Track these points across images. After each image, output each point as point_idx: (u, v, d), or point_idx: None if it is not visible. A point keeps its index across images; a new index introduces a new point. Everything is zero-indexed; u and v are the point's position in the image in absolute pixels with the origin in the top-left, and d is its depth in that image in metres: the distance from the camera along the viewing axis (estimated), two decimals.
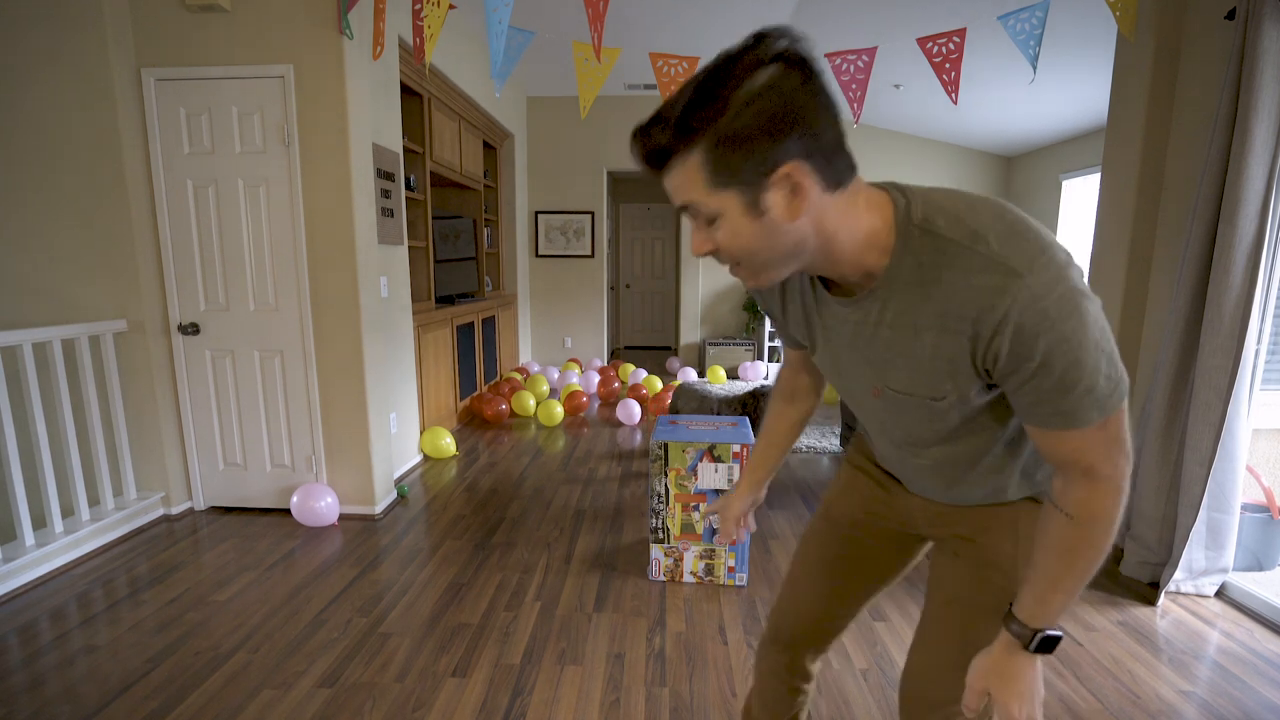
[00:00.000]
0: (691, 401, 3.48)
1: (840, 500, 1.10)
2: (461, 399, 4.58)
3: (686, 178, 0.67)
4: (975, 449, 0.85)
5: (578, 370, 5.98)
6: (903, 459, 0.94)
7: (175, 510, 2.93)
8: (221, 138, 2.70)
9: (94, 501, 2.72)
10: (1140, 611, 2.14)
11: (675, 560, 2.31)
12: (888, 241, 0.70)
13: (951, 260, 0.67)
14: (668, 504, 2.27)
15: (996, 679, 0.78)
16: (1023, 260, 0.64)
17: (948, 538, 0.98)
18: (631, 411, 4.49)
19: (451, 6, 2.40)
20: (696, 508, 2.25)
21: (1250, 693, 1.73)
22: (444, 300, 4.41)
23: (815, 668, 1.19)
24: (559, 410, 4.51)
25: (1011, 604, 0.80)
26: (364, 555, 2.53)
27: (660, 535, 2.29)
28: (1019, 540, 0.88)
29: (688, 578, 2.32)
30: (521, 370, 5.87)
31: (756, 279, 0.73)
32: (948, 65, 2.43)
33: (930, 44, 2.45)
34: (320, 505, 2.78)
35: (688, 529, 2.28)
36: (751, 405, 3.40)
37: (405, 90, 3.77)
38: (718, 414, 3.32)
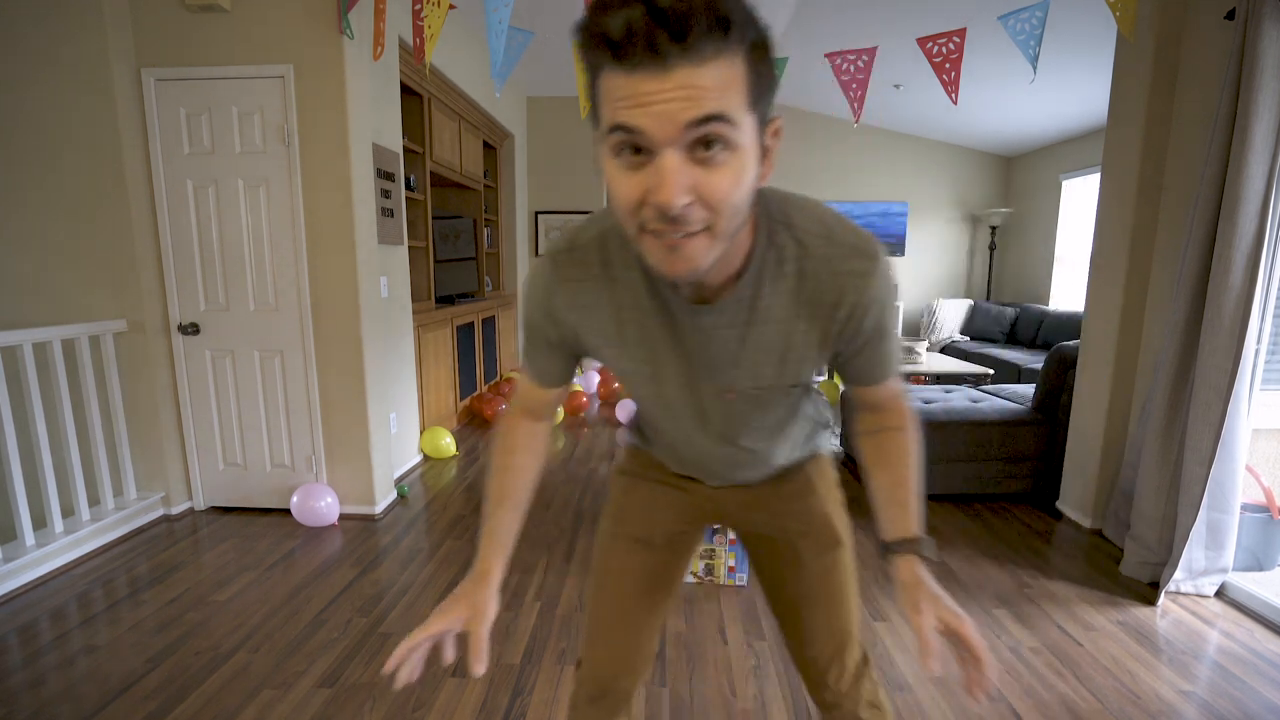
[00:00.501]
0: None
1: (647, 519, 1.03)
2: (461, 399, 4.58)
3: (729, 77, 0.52)
4: (787, 424, 0.92)
5: (577, 370, 5.97)
6: (719, 455, 0.91)
7: (175, 510, 2.93)
8: (221, 138, 2.70)
9: (94, 501, 2.72)
10: (1140, 611, 2.14)
11: None
12: (747, 238, 0.68)
13: (812, 252, 0.70)
14: None
15: (931, 604, 0.76)
16: (872, 247, 0.71)
17: (759, 520, 1.03)
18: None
19: (451, 6, 2.40)
20: None
21: (1250, 693, 1.73)
22: (444, 300, 4.41)
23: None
24: (559, 410, 4.50)
25: (887, 538, 0.85)
26: (364, 555, 2.53)
27: None
28: (817, 492, 1.01)
29: (687, 577, 2.32)
30: (521, 370, 5.86)
31: (713, 248, 0.59)
32: (948, 65, 2.43)
33: (930, 44, 2.45)
34: (320, 505, 2.78)
35: None
36: None
37: (405, 90, 3.77)
38: None
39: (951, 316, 6.50)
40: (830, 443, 1.07)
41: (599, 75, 0.55)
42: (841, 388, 5.13)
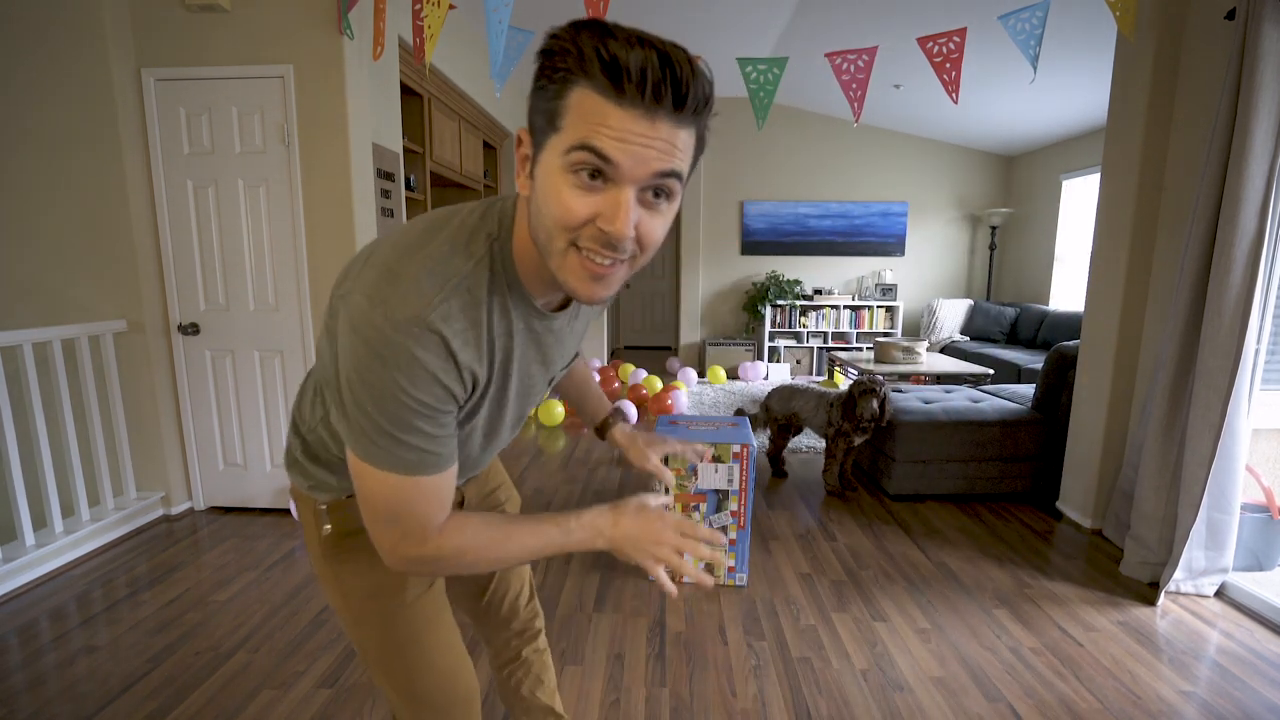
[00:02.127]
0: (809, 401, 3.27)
1: None
2: None
3: (689, 144, 0.60)
4: None
5: None
6: (505, 440, 0.92)
7: (175, 510, 2.93)
8: (221, 138, 2.70)
9: (94, 501, 2.72)
10: (1140, 611, 2.14)
11: None
12: None
13: None
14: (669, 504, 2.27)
15: (650, 446, 1.11)
16: None
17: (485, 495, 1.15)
18: (627, 414, 4.48)
19: (451, 6, 2.40)
20: (697, 508, 2.25)
21: (1250, 693, 1.73)
22: None
23: (522, 641, 1.26)
24: (559, 410, 4.51)
25: (597, 423, 1.19)
26: None
27: None
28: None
29: (686, 578, 2.32)
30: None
31: (624, 277, 0.69)
32: (948, 65, 2.43)
33: (930, 44, 2.45)
34: None
35: None
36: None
37: (405, 90, 3.77)
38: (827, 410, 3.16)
39: (951, 316, 6.50)
40: None
41: (573, 87, 0.56)
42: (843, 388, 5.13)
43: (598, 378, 5.40)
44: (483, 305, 0.69)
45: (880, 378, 3.00)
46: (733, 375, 6.61)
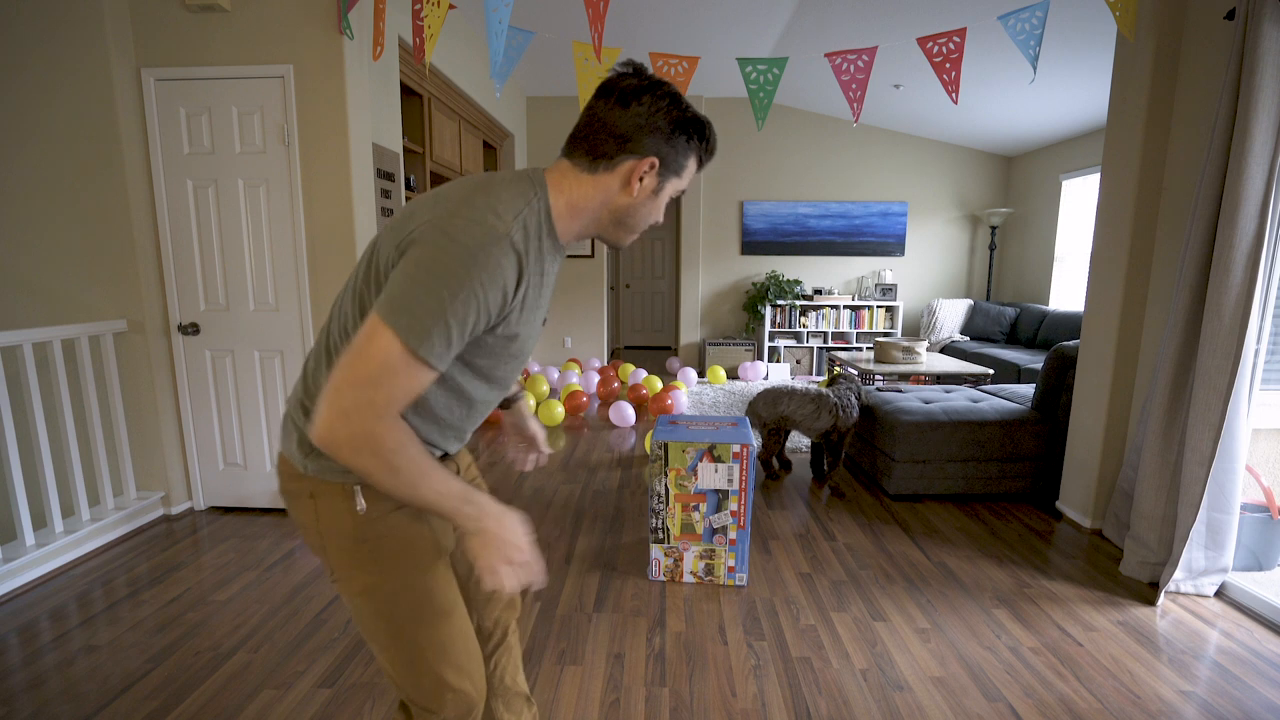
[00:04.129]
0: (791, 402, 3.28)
1: (440, 532, 1.01)
2: None
3: None
4: None
5: (577, 370, 5.98)
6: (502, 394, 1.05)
7: (175, 510, 2.93)
8: (221, 138, 2.70)
9: (94, 501, 2.72)
10: (1140, 611, 2.14)
11: (675, 560, 2.31)
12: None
13: None
14: (668, 504, 2.27)
15: (535, 430, 1.37)
16: None
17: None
18: (624, 414, 4.48)
19: (451, 6, 2.40)
20: (697, 507, 2.25)
21: (1250, 693, 1.73)
22: None
23: (508, 618, 1.28)
24: (559, 410, 4.51)
25: (508, 395, 1.31)
26: None
27: (660, 535, 2.29)
28: None
29: (687, 578, 2.32)
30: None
31: None
32: (948, 65, 2.43)
33: (930, 44, 2.45)
34: None
35: (688, 529, 2.28)
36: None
37: (405, 90, 3.77)
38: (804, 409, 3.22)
39: (951, 316, 6.50)
40: None
41: (688, 162, 0.94)
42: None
43: (598, 378, 5.41)
44: (533, 238, 0.87)
45: (853, 374, 3.26)
46: (733, 375, 6.61)
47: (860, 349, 6.55)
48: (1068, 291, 5.91)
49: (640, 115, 0.87)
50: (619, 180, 0.91)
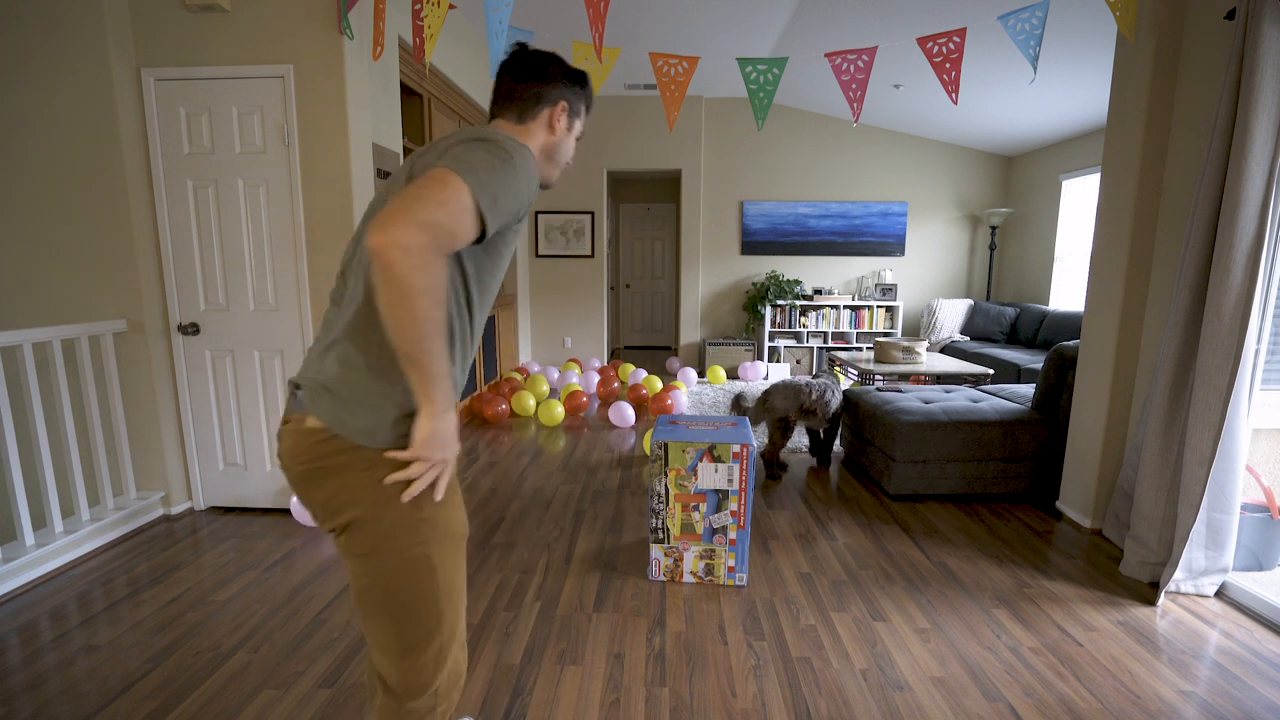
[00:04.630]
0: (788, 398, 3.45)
1: (459, 503, 1.09)
2: (461, 399, 4.58)
3: None
4: None
5: (578, 370, 5.98)
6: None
7: (175, 510, 2.93)
8: (221, 138, 2.70)
9: (94, 501, 2.72)
10: (1140, 611, 2.14)
11: (675, 560, 2.31)
12: None
13: None
14: (668, 504, 2.27)
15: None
16: None
17: None
18: (624, 414, 4.47)
19: (451, 6, 2.40)
20: (697, 507, 2.25)
21: (1250, 693, 1.73)
22: None
23: None
24: (560, 410, 4.51)
25: None
26: None
27: (660, 535, 2.29)
28: None
29: (688, 577, 2.32)
30: (521, 370, 5.87)
31: None
32: (948, 65, 2.43)
33: (930, 44, 2.45)
34: None
35: (688, 529, 2.28)
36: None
37: (405, 90, 3.77)
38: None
39: (951, 316, 6.50)
40: None
41: (582, 105, 1.21)
42: (843, 388, 5.14)
43: (598, 378, 5.41)
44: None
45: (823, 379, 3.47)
46: (732, 375, 6.61)
47: (860, 349, 6.55)
48: (1068, 291, 5.91)
49: (542, 74, 1.13)
50: (542, 126, 1.15)
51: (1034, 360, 4.94)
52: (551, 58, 1.15)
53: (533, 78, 1.12)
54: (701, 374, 6.63)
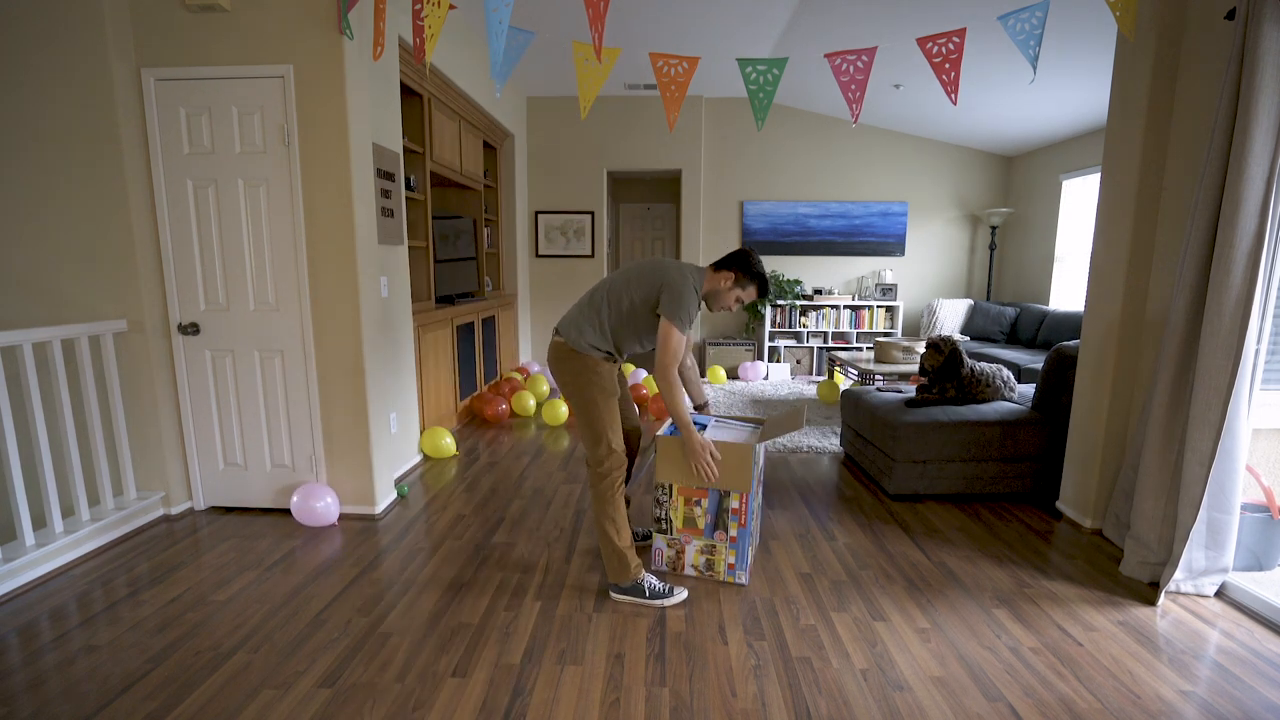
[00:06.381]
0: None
1: (614, 382, 2.20)
2: (462, 399, 4.58)
3: None
4: None
5: None
6: None
7: (175, 510, 2.93)
8: (221, 138, 2.70)
9: (94, 501, 2.72)
10: (1140, 611, 2.14)
11: (677, 551, 2.32)
12: None
13: None
14: (671, 496, 2.28)
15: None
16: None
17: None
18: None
19: (451, 6, 2.40)
20: (699, 503, 2.26)
21: (1250, 693, 1.73)
22: (444, 300, 4.41)
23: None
24: (561, 410, 4.51)
25: (697, 403, 2.59)
26: (364, 555, 2.53)
27: (664, 526, 2.31)
28: None
29: (688, 570, 2.33)
30: (522, 370, 5.87)
31: None
32: (948, 65, 2.43)
33: (930, 44, 2.45)
34: (320, 505, 2.78)
35: (690, 523, 2.28)
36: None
37: (405, 90, 3.77)
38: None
39: (951, 316, 6.50)
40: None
41: (749, 285, 2.22)
42: (843, 388, 5.13)
43: None
44: (696, 293, 2.15)
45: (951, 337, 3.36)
46: (733, 375, 6.61)
47: (860, 349, 6.55)
48: (1068, 291, 5.91)
49: (734, 262, 2.18)
50: (720, 279, 2.19)
51: (1034, 360, 4.94)
52: (748, 258, 2.18)
53: (727, 262, 2.18)
54: (702, 374, 6.63)
